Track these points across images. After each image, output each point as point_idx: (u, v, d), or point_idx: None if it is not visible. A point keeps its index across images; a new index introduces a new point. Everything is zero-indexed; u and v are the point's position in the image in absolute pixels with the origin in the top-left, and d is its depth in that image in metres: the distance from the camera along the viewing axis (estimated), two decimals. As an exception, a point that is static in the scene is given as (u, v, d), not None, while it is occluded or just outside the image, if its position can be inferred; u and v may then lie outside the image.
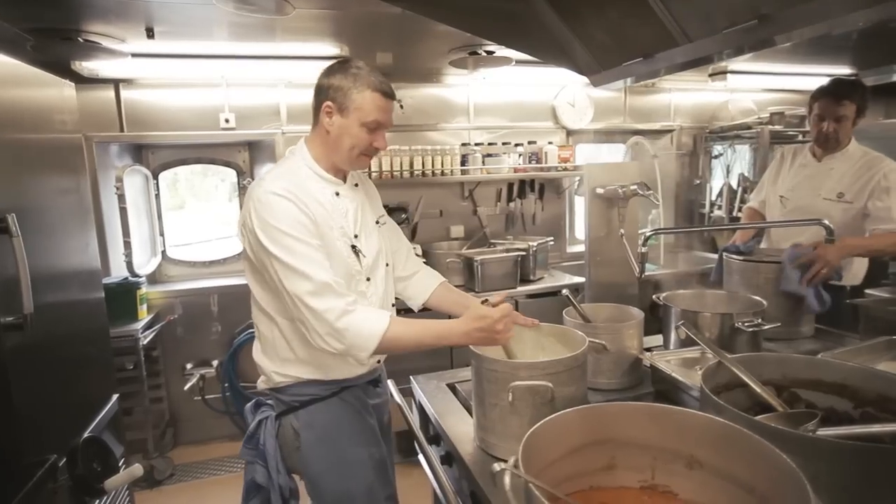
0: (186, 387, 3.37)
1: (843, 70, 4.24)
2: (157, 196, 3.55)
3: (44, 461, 1.56)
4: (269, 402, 1.61)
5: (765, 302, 1.81)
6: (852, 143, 2.44)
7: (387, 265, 1.67)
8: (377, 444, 1.61)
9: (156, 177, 3.53)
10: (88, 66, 2.87)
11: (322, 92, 1.47)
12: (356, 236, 1.54)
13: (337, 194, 1.53)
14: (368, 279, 1.56)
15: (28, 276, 1.49)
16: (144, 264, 3.27)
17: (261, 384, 1.60)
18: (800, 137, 4.30)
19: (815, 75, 4.23)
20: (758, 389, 1.20)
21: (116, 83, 3.18)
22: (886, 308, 1.77)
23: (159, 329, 3.23)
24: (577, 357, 1.30)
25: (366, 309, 1.40)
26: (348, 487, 1.53)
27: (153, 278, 3.58)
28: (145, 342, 2.97)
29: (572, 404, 1.23)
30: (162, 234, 3.60)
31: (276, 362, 1.53)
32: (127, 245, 2.99)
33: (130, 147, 3.39)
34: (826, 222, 1.98)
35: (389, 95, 1.48)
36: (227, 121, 3.41)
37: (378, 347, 1.35)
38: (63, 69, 2.77)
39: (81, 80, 2.97)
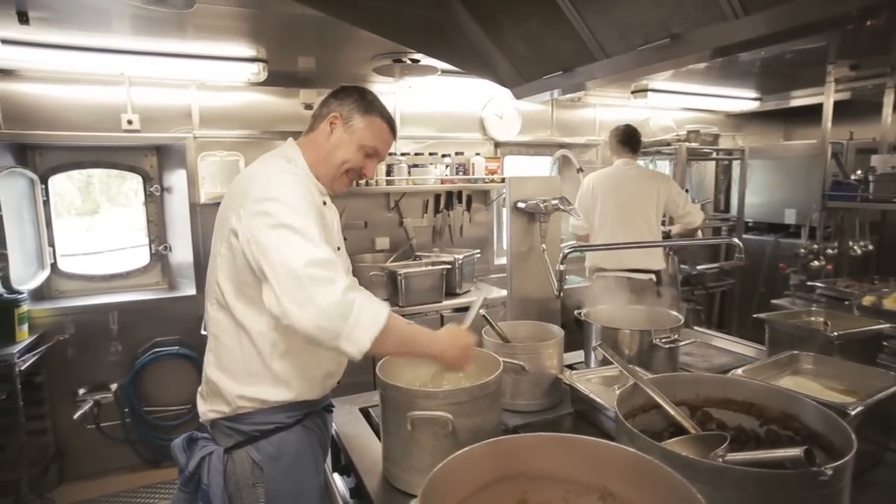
0: (77, 415, 3.02)
1: (750, 94, 4.54)
2: (46, 202, 3.18)
3: None
4: (205, 435, 1.42)
5: (681, 317, 1.84)
6: None
7: None
8: (325, 472, 1.52)
9: (44, 181, 3.16)
10: (-55, 50, 2.51)
11: (330, 104, 1.47)
12: (338, 248, 1.50)
13: (324, 203, 1.48)
14: None
15: None
16: (27, 279, 2.91)
17: (208, 414, 1.39)
18: (713, 155, 4.56)
19: (725, 97, 4.52)
20: (671, 411, 1.18)
21: (-11, 73, 2.82)
22: (787, 321, 1.83)
23: (44, 351, 2.87)
24: (486, 386, 1.22)
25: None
26: None
27: (39, 294, 3.20)
28: (24, 367, 2.62)
29: (478, 436, 1.16)
30: (51, 245, 3.23)
31: (241, 379, 1.35)
32: (2, 258, 2.64)
33: (11, 147, 3.00)
34: (736, 240, 2.06)
35: (394, 131, 1.53)
36: (130, 122, 3.13)
37: (381, 332, 1.19)
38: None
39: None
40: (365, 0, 2.03)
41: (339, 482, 1.55)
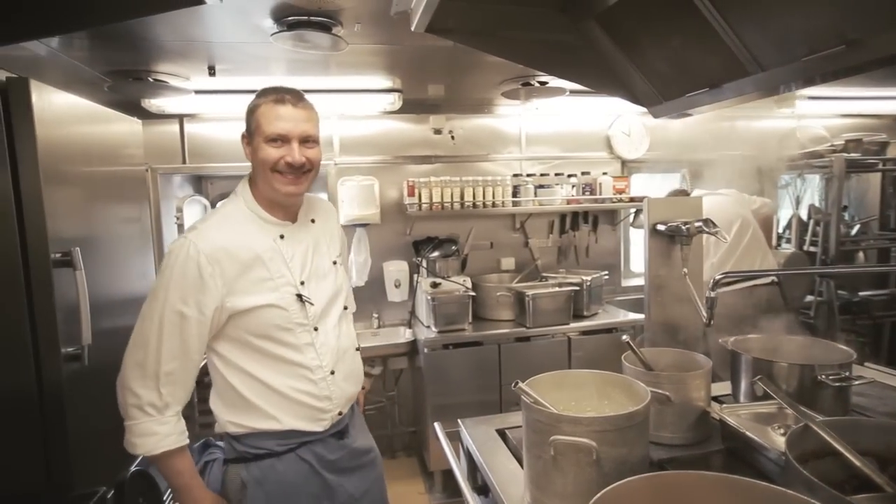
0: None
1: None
2: (215, 225, 3.66)
3: (93, 493, 1.57)
4: (219, 443, 1.50)
5: (853, 352, 1.63)
6: None
7: (345, 308, 1.60)
8: (333, 501, 1.52)
9: (213, 206, 3.66)
10: (156, 103, 3.03)
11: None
12: (302, 283, 1.44)
13: (282, 237, 1.44)
14: (316, 329, 1.45)
15: (88, 308, 1.52)
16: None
17: (217, 427, 1.49)
18: (879, 165, 4.01)
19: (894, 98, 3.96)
20: (857, 462, 1.05)
21: (181, 118, 3.34)
22: None
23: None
24: (632, 416, 1.18)
25: (165, 422, 1.32)
26: None
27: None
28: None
29: (624, 468, 1.13)
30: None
31: (231, 410, 1.42)
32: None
33: (191, 178, 3.54)
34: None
35: (286, 101, 1.36)
36: (281, 152, 3.50)
37: (148, 457, 1.33)
38: (134, 107, 2.95)
39: (149, 116, 3.12)
40: (500, 30, 2.09)
41: (476, 502, 1.58)
